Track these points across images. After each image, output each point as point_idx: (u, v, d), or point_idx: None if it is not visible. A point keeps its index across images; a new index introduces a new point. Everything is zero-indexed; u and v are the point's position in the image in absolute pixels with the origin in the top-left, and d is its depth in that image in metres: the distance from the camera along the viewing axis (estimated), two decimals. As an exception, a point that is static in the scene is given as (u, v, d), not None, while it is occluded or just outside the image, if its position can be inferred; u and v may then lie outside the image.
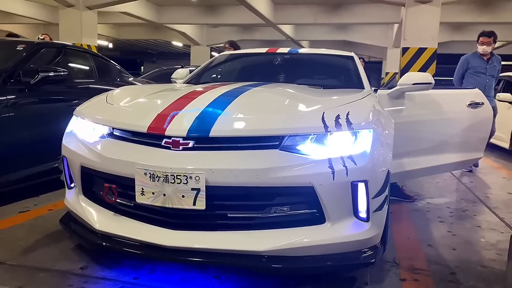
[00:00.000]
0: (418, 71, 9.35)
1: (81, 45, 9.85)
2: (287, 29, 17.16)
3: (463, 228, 3.14)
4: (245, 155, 1.96)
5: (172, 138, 1.99)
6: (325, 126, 2.00)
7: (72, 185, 2.47)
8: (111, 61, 5.04)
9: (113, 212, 2.20)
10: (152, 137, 2.05)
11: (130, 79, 5.21)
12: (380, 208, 2.09)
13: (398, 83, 3.30)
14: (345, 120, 2.04)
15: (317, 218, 2.00)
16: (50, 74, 3.53)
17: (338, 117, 2.06)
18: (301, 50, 3.91)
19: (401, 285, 2.16)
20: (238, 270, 2.19)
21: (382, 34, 17.67)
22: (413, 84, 3.19)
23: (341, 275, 2.21)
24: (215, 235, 1.97)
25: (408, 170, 3.47)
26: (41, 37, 6.99)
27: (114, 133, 2.22)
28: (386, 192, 2.13)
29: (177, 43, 21.88)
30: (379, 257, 2.12)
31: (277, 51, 3.93)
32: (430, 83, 3.19)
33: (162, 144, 2.01)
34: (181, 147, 1.98)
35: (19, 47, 3.73)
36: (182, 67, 8.36)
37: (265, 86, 2.78)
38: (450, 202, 3.87)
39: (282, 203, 2.01)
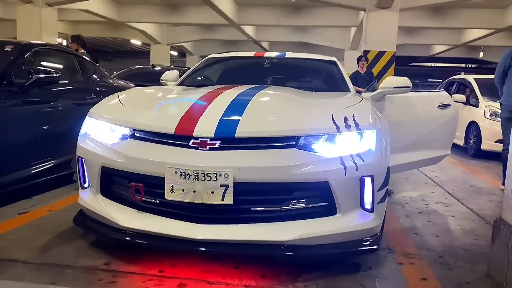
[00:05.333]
0: (379, 72, 9.89)
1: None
2: (249, 30, 17.39)
3: (440, 217, 3.49)
4: (267, 153, 2.14)
5: (200, 139, 2.14)
6: (337, 127, 2.23)
7: (86, 184, 2.54)
8: (92, 61, 5.03)
9: (136, 210, 2.30)
10: (180, 138, 2.19)
11: (110, 80, 5.22)
12: (382, 200, 2.35)
13: (379, 87, 3.59)
14: (353, 121, 2.28)
15: (330, 210, 2.22)
16: (42, 75, 3.52)
17: (346, 118, 2.29)
18: (288, 54, 4.12)
19: (400, 268, 2.43)
20: (255, 260, 2.36)
21: (340, 36, 18.32)
22: (393, 87, 3.50)
23: (347, 262, 2.44)
24: (241, 228, 2.14)
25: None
26: None
27: (136, 134, 2.33)
28: (387, 186, 2.39)
29: (136, 41, 21.52)
30: (380, 243, 2.38)
31: (264, 55, 4.12)
32: (408, 87, 3.51)
33: (190, 144, 2.15)
34: (208, 147, 2.13)
35: (7, 48, 3.69)
36: (152, 68, 8.36)
37: (268, 89, 2.96)
38: (423, 195, 4.23)
39: (299, 197, 2.21)
